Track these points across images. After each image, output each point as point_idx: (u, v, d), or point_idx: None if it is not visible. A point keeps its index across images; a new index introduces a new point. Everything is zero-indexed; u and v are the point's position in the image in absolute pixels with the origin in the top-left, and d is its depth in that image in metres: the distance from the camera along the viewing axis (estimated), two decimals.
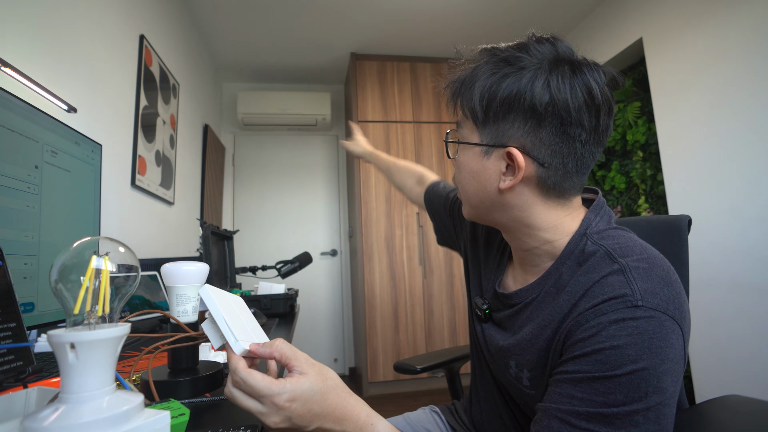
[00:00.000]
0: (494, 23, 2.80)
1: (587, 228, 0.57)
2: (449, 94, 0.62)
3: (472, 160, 0.59)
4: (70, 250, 0.38)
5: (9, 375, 0.50)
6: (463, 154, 0.61)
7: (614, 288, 0.48)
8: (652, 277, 0.48)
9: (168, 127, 2.15)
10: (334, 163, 3.67)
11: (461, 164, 0.61)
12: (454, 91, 0.61)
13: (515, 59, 0.54)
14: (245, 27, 2.73)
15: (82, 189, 0.97)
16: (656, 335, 0.44)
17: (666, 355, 0.44)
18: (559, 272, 0.56)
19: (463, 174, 0.61)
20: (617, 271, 0.49)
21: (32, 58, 1.12)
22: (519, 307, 0.60)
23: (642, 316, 0.45)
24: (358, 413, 0.49)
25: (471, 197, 0.62)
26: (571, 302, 0.51)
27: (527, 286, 0.60)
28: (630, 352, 0.43)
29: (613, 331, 0.45)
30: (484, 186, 0.59)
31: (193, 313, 0.58)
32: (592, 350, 0.45)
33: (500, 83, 0.54)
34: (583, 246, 0.55)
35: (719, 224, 1.88)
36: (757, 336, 1.72)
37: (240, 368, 0.44)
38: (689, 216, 0.78)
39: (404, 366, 1.10)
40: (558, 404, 0.47)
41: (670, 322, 0.45)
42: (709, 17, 1.95)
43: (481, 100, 0.56)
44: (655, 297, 0.46)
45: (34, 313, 0.78)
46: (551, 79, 0.52)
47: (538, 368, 0.54)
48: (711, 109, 1.94)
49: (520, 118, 0.53)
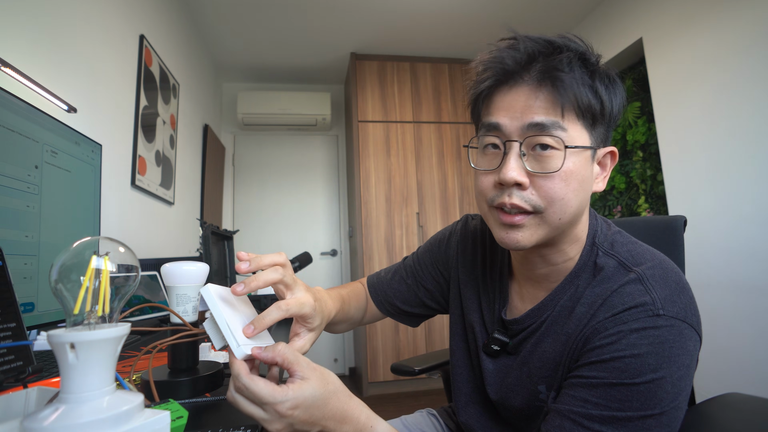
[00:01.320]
0: (494, 23, 2.80)
1: (594, 236, 0.56)
2: (550, 84, 0.50)
3: (584, 167, 0.52)
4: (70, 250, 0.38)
5: (9, 375, 0.50)
6: (573, 161, 0.50)
7: (634, 297, 0.47)
8: (669, 284, 0.48)
9: (168, 127, 2.15)
10: (334, 163, 3.67)
11: (571, 173, 0.50)
12: (559, 85, 0.49)
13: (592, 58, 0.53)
14: (245, 27, 2.73)
15: (82, 189, 0.97)
16: (676, 344, 0.44)
17: (682, 362, 0.44)
18: (575, 285, 0.55)
19: (571, 185, 0.50)
20: (635, 280, 0.49)
21: (32, 58, 1.12)
22: (533, 328, 0.58)
23: (663, 325, 0.45)
24: (359, 415, 0.49)
25: (571, 212, 0.51)
26: (590, 313, 0.51)
27: (540, 303, 0.58)
28: (651, 361, 0.44)
29: (634, 340, 0.45)
30: (587, 194, 0.53)
31: (193, 313, 0.58)
32: (611, 357, 0.45)
33: (594, 78, 0.52)
34: (594, 257, 0.55)
35: (719, 224, 1.88)
36: (756, 335, 1.72)
37: (242, 374, 0.44)
38: (685, 216, 0.80)
39: (402, 367, 1.10)
40: (571, 406, 0.47)
41: (689, 330, 0.46)
42: (709, 17, 1.95)
43: (598, 97, 0.51)
44: (674, 305, 0.46)
45: (34, 313, 0.78)
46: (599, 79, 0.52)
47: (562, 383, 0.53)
48: (711, 109, 1.94)
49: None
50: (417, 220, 2.97)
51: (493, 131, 0.53)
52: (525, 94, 0.51)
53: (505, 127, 0.52)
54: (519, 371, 0.59)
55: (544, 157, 0.50)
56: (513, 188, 0.51)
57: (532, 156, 0.51)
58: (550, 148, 0.50)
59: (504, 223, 0.52)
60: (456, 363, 0.72)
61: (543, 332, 0.56)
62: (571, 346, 0.52)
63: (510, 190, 0.51)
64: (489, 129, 0.54)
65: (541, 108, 0.50)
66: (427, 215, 2.98)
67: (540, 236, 0.52)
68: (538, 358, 0.56)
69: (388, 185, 2.95)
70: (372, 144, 2.99)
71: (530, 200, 0.51)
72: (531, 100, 0.50)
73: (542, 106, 0.50)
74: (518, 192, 0.51)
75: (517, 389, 0.59)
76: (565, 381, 0.51)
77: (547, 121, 0.49)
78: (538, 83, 0.50)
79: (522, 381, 0.59)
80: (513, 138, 0.51)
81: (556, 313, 0.55)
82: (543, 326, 0.57)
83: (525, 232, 0.52)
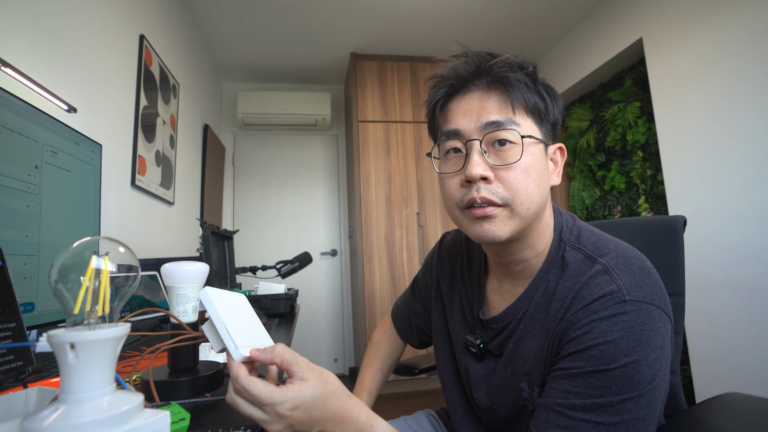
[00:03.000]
0: (494, 23, 2.80)
1: (561, 232, 0.59)
2: (499, 87, 0.56)
3: (540, 159, 0.56)
4: (70, 250, 0.38)
5: (9, 375, 0.50)
6: (530, 152, 0.55)
7: (601, 287, 0.50)
8: (633, 270, 0.51)
9: (168, 127, 2.15)
10: (334, 163, 3.67)
11: (530, 166, 0.54)
12: (507, 85, 0.55)
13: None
14: (245, 27, 2.73)
15: (82, 189, 0.97)
16: (645, 326, 0.46)
17: (655, 344, 0.46)
18: (546, 281, 0.57)
19: (531, 176, 0.54)
20: (600, 271, 0.52)
21: (32, 58, 1.12)
22: (513, 326, 0.60)
23: (631, 309, 0.47)
24: (358, 415, 0.49)
25: (535, 201, 0.55)
26: (564, 307, 0.53)
27: (516, 301, 0.60)
28: (623, 345, 0.46)
29: (605, 327, 0.47)
30: (547, 186, 0.58)
31: (193, 313, 0.58)
32: (586, 346, 0.47)
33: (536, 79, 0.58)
34: (562, 252, 0.57)
35: (719, 224, 1.88)
36: (756, 335, 1.72)
37: (241, 376, 0.44)
38: (684, 216, 0.80)
39: (403, 367, 1.10)
40: (555, 398, 0.49)
41: (657, 312, 0.48)
42: (709, 17, 1.95)
43: (541, 97, 0.57)
44: (640, 290, 0.49)
45: (34, 313, 0.78)
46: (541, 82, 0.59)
47: (544, 378, 0.55)
48: (711, 109, 1.94)
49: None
50: (417, 220, 2.97)
51: (453, 137, 0.57)
52: (478, 97, 0.56)
53: (464, 129, 0.56)
54: (504, 371, 0.60)
55: (504, 152, 0.54)
56: (480, 183, 0.54)
57: (493, 152, 0.55)
58: (508, 143, 0.54)
59: (477, 216, 0.55)
60: (446, 377, 0.73)
61: (522, 330, 0.58)
62: (550, 342, 0.53)
63: (477, 185, 0.54)
64: (449, 136, 0.58)
65: (494, 108, 0.55)
66: (427, 215, 2.98)
67: (513, 227, 0.55)
68: (520, 356, 0.58)
69: (388, 185, 2.95)
70: (372, 144, 2.99)
71: (497, 192, 0.54)
72: (484, 102, 0.56)
73: (495, 106, 0.55)
74: (485, 186, 0.54)
75: (504, 389, 0.60)
76: (548, 376, 0.52)
77: (501, 119, 0.54)
78: (488, 87, 0.56)
79: (507, 381, 0.60)
80: (473, 137, 0.55)
81: (532, 310, 0.57)
82: (521, 324, 0.58)
83: (498, 223, 0.55)
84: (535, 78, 0.58)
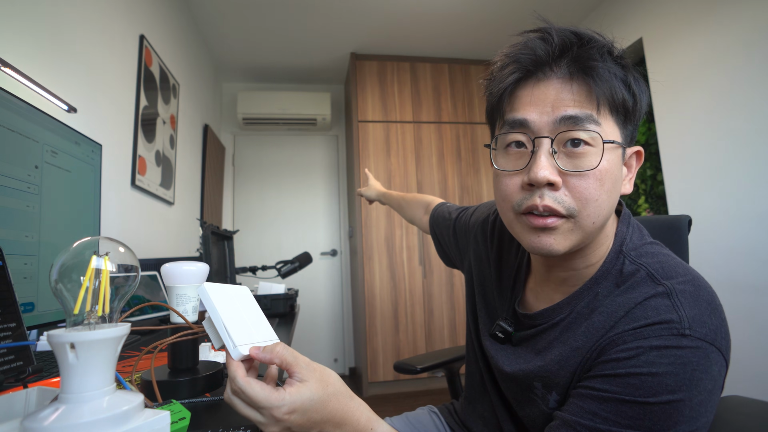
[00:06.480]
0: (494, 23, 2.80)
1: (622, 244, 0.52)
2: (583, 77, 0.47)
3: (616, 166, 0.48)
4: (70, 250, 0.38)
5: (9, 375, 0.50)
6: (608, 159, 0.47)
7: (659, 312, 0.44)
8: (700, 303, 0.44)
9: (168, 127, 2.15)
10: (334, 163, 3.67)
11: (605, 174, 0.47)
12: (594, 76, 0.46)
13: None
14: (245, 27, 2.73)
15: (82, 189, 0.97)
16: (699, 367, 0.41)
17: (705, 387, 0.41)
18: (594, 292, 0.51)
19: (605, 186, 0.47)
20: (662, 293, 0.45)
21: (32, 58, 1.12)
22: (544, 327, 0.56)
23: (688, 345, 0.41)
24: (358, 417, 0.48)
25: (604, 215, 0.48)
26: (609, 323, 0.47)
27: (555, 305, 0.55)
28: (669, 381, 0.41)
29: (653, 357, 0.42)
30: (617, 196, 0.50)
31: (193, 312, 0.58)
32: (626, 373, 0.43)
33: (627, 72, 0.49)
34: (620, 265, 0.51)
35: (719, 224, 1.88)
36: (756, 336, 1.71)
37: (239, 377, 0.43)
38: (689, 216, 0.78)
39: (404, 366, 1.10)
40: (579, 417, 0.45)
41: (716, 354, 0.42)
42: (709, 17, 1.95)
43: (631, 93, 0.48)
44: (704, 326, 0.42)
45: (34, 313, 0.78)
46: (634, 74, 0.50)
47: (568, 390, 0.51)
48: (711, 109, 1.94)
49: None
50: None
51: (518, 128, 0.49)
52: (556, 87, 0.47)
53: (534, 122, 0.48)
54: (522, 366, 0.58)
55: (578, 155, 0.46)
56: (544, 189, 0.47)
57: (564, 153, 0.47)
58: (584, 144, 0.46)
59: (535, 226, 0.48)
60: (467, 353, 0.75)
61: (552, 334, 0.54)
62: (584, 355, 0.48)
63: (541, 191, 0.47)
64: (514, 126, 0.49)
65: (574, 101, 0.46)
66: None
67: (573, 242, 0.48)
68: (541, 358, 0.55)
69: (388, 185, 2.95)
70: (372, 144, 2.99)
71: (563, 202, 0.47)
72: (563, 93, 0.47)
73: (576, 98, 0.46)
74: (550, 193, 0.47)
75: (518, 379, 0.58)
76: (574, 390, 0.49)
77: (581, 114, 0.46)
78: (570, 75, 0.47)
79: (522, 374, 0.58)
80: (543, 134, 0.47)
81: (571, 319, 0.52)
82: (554, 328, 0.54)
83: (558, 236, 0.48)
84: (628, 69, 0.48)
